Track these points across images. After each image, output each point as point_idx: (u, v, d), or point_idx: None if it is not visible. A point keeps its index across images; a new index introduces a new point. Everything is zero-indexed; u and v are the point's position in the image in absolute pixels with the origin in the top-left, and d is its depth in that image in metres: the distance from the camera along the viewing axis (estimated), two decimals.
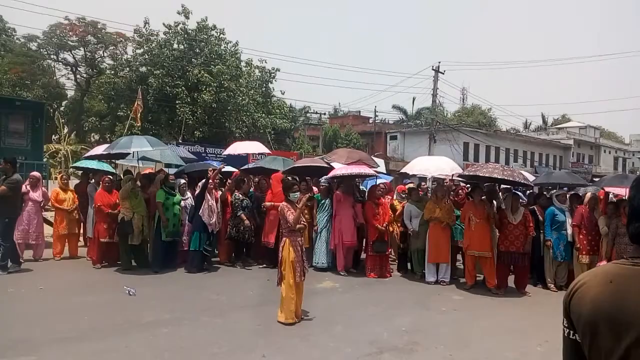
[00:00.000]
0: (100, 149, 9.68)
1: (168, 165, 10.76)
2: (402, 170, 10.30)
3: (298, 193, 5.99)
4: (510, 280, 7.98)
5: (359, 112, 47.08)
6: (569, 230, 7.96)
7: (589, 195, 8.53)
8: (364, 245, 9.15)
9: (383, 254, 8.49)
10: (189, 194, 8.57)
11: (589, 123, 48.50)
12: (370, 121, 43.34)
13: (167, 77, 23.53)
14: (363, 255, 9.26)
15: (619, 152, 51.67)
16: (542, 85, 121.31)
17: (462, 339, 5.43)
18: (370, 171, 9.10)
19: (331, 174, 8.80)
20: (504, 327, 6.01)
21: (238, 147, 11.66)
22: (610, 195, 8.64)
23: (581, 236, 7.81)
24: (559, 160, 43.43)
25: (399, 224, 8.99)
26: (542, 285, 8.18)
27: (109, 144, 9.81)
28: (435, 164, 9.33)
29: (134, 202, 7.93)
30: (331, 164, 9.44)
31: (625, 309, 1.29)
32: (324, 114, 42.17)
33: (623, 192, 8.00)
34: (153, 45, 24.45)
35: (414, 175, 11.81)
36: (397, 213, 9.05)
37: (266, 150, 11.83)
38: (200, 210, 7.91)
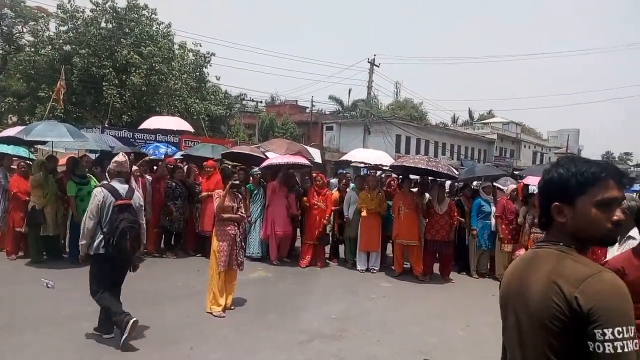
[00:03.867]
0: (12, 132, 8.91)
1: (93, 150, 10.19)
2: (343, 158, 10.61)
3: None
4: (436, 268, 8.35)
5: (296, 101, 47.01)
6: (493, 221, 8.40)
7: (511, 187, 9.07)
8: (297, 234, 9.24)
9: (317, 243, 8.56)
10: None
11: (512, 119, 51.43)
12: (307, 111, 43.38)
13: (94, 57, 22.19)
14: (297, 244, 9.33)
15: (537, 147, 55.23)
16: (471, 81, 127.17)
17: (390, 324, 5.61)
18: (305, 162, 9.11)
19: (266, 163, 8.73)
20: (429, 312, 6.28)
21: (154, 122, 10.51)
22: (531, 187, 9.15)
23: (503, 226, 8.24)
24: (483, 154, 45.74)
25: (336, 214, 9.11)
26: (466, 273, 8.62)
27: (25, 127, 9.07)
28: (375, 155, 9.81)
29: (46, 190, 7.43)
30: (267, 153, 9.39)
31: (509, 287, 1.53)
32: (261, 102, 41.73)
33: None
34: (78, 22, 22.91)
35: (348, 166, 12.01)
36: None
37: (188, 128, 10.72)
38: None
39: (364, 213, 8.20)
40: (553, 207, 1.44)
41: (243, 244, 6.04)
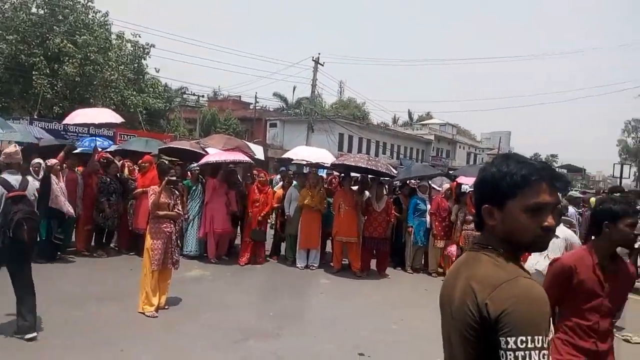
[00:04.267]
0: None
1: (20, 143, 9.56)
2: (285, 156, 10.60)
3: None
4: (373, 264, 8.55)
5: (240, 97, 46.31)
6: (429, 218, 8.73)
7: (445, 186, 9.45)
8: (238, 232, 9.15)
9: (257, 241, 8.52)
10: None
11: (448, 121, 53.40)
12: (251, 107, 42.89)
13: (23, 44, 20.81)
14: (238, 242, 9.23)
15: (471, 148, 57.69)
16: (411, 83, 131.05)
17: (327, 320, 5.69)
18: (246, 159, 9.02)
19: (205, 160, 8.57)
20: (365, 308, 6.42)
21: (79, 116, 9.06)
22: (464, 186, 9.54)
23: (436, 223, 8.59)
24: (421, 154, 47.20)
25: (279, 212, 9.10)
26: (401, 268, 8.88)
27: None
28: (317, 153, 9.83)
29: None
30: (207, 149, 9.21)
31: (443, 291, 1.46)
32: (203, 96, 40.83)
33: (473, 182, 8.93)
34: (6, 6, 21.39)
35: (291, 163, 12.02)
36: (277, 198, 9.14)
37: (119, 120, 9.63)
38: (50, 197, 7.03)
39: (306, 201, 8.24)
40: (483, 209, 1.37)
41: (179, 241, 5.91)
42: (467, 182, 9.30)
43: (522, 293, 1.21)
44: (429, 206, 8.84)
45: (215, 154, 8.73)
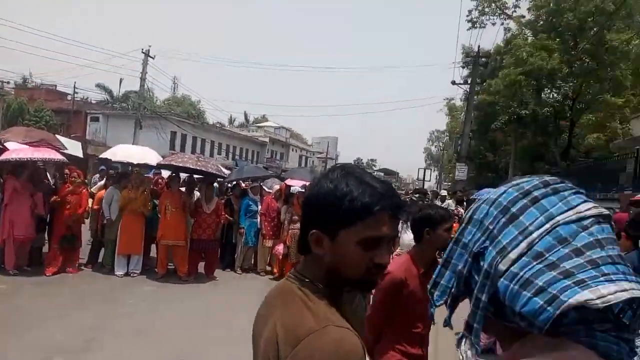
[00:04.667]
0: None
1: None
2: (103, 156, 9.73)
3: None
4: (201, 267, 8.37)
5: (55, 86, 41.16)
6: (259, 219, 8.87)
7: (276, 187, 9.75)
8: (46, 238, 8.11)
9: (68, 247, 7.65)
10: None
11: (283, 124, 55.20)
12: (69, 98, 38.47)
13: None
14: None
15: (303, 151, 60.50)
16: (248, 85, 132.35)
17: (147, 329, 5.39)
18: (58, 156, 8.02)
19: (4, 157, 7.39)
20: (190, 313, 6.23)
21: None
22: (293, 188, 9.92)
23: (266, 223, 8.79)
24: (256, 155, 47.88)
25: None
26: (231, 269, 8.88)
27: None
28: (140, 152, 9.17)
29: None
30: (5, 143, 7.96)
31: (255, 324, 1.22)
32: (8, 82, 35.38)
33: (300, 183, 9.37)
34: None
35: (114, 162, 11.10)
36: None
37: None
38: None
39: (130, 204, 7.68)
40: (311, 235, 1.10)
41: None
42: (296, 184, 9.72)
43: (330, 349, 0.97)
44: (260, 207, 8.99)
45: (19, 149, 7.59)
